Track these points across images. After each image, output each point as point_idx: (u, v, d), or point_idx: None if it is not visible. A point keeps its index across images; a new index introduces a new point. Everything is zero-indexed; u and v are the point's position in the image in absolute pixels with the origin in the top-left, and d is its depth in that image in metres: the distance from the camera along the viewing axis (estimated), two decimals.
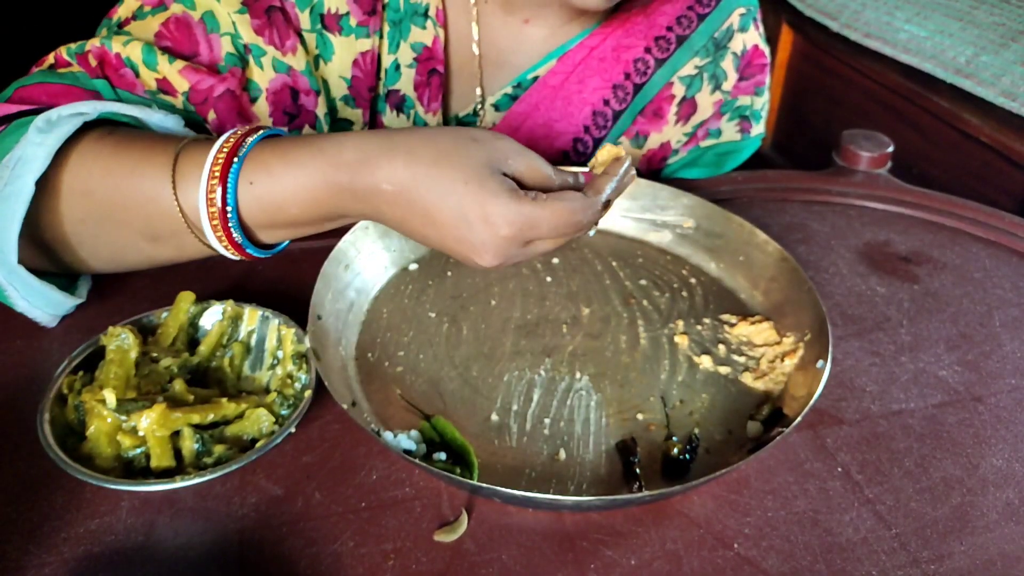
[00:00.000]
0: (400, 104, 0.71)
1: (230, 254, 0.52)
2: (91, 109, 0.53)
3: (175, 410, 0.46)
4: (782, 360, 0.57)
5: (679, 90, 0.78)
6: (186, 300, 0.54)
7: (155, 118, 0.57)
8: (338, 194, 0.50)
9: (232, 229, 0.50)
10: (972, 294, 0.67)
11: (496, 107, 0.75)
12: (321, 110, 0.68)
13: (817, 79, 1.62)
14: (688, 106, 0.79)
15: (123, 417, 0.45)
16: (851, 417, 0.54)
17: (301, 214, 0.51)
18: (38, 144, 0.51)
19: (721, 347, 0.59)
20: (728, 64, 0.78)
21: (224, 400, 0.48)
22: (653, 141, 0.80)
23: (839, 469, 0.50)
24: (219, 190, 0.49)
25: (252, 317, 0.54)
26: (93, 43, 0.59)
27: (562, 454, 0.50)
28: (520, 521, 0.46)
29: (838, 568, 0.44)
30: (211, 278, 0.63)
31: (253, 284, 0.63)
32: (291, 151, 0.50)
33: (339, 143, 0.50)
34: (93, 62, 0.59)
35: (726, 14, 0.77)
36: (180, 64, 0.60)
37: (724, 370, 0.57)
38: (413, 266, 0.66)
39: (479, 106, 0.75)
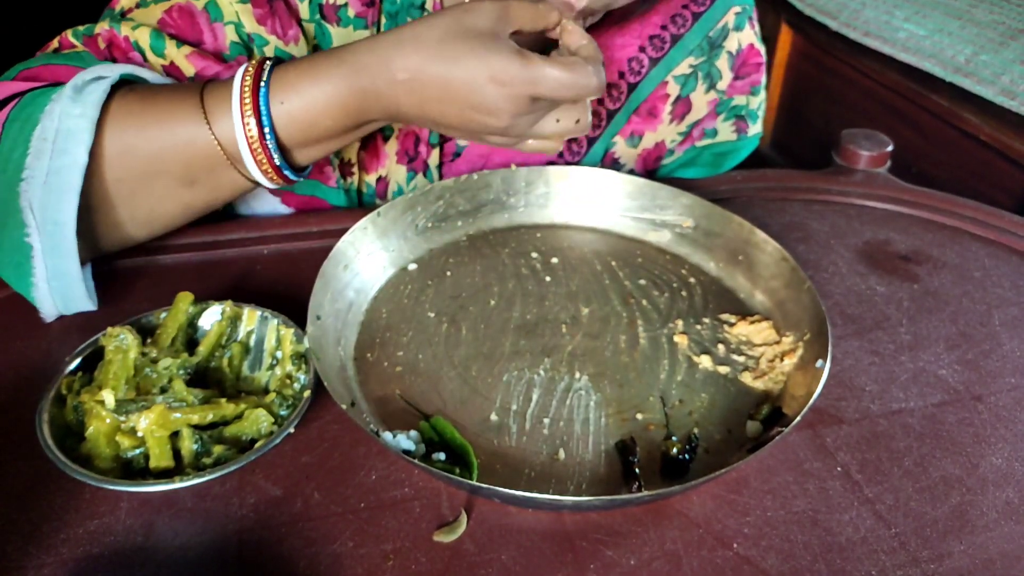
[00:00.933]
0: None
1: (268, 180, 0.56)
2: (111, 72, 0.55)
3: (174, 410, 0.46)
4: (781, 359, 0.57)
5: (673, 89, 0.78)
6: (185, 300, 0.54)
7: (167, 83, 0.59)
8: (363, 97, 0.54)
9: (272, 151, 0.54)
10: (972, 293, 0.67)
11: None
12: None
13: (816, 78, 1.62)
14: (682, 105, 0.79)
15: (122, 418, 0.45)
16: (851, 417, 0.54)
17: (334, 124, 0.55)
18: (78, 116, 0.51)
19: (720, 347, 0.59)
20: (723, 63, 0.78)
21: (223, 400, 0.48)
22: (648, 140, 0.80)
23: (839, 469, 0.50)
24: (252, 117, 0.53)
25: (251, 317, 0.54)
26: (102, 26, 0.60)
27: (561, 454, 0.50)
28: (520, 521, 0.46)
29: (838, 568, 0.44)
30: (210, 279, 0.63)
31: (252, 284, 0.63)
32: (313, 67, 0.54)
33: (354, 50, 0.54)
34: (102, 44, 0.60)
35: (721, 13, 0.77)
36: (187, 49, 0.60)
37: (723, 370, 0.57)
38: (412, 266, 0.66)
39: None
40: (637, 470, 0.48)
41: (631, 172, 0.82)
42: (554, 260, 0.68)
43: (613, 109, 0.77)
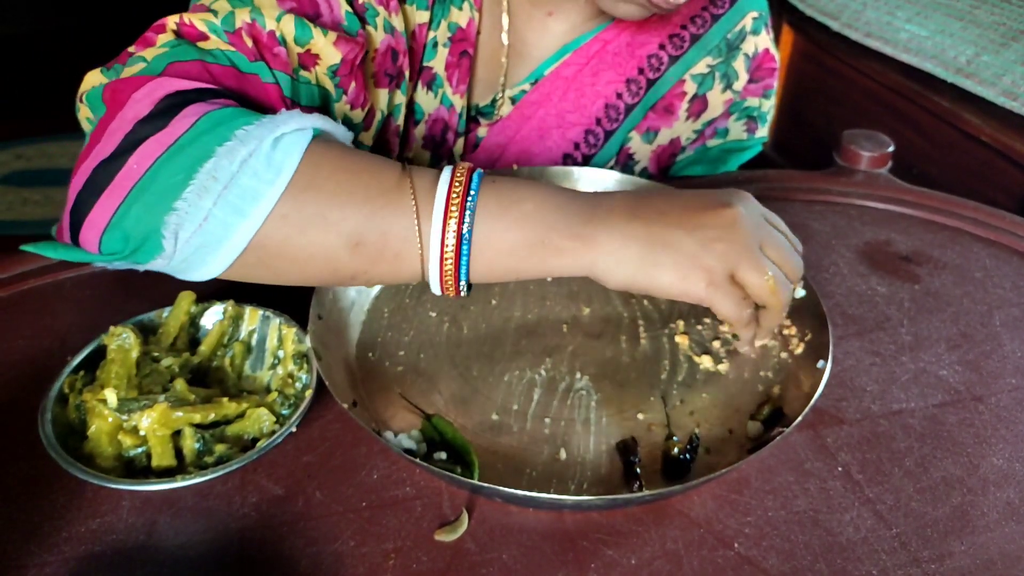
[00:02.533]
0: (430, 82, 0.71)
1: (438, 285, 0.50)
2: (305, 124, 0.50)
3: (176, 409, 0.46)
4: (784, 351, 0.57)
5: (691, 87, 0.79)
6: (187, 300, 0.54)
7: (339, 132, 0.54)
8: (551, 211, 0.50)
9: (461, 277, 0.50)
10: (972, 294, 0.67)
11: (513, 100, 0.76)
12: (407, 73, 0.67)
13: (818, 79, 1.62)
14: (699, 103, 0.80)
15: (124, 416, 0.45)
16: (851, 417, 0.54)
17: (509, 233, 0.50)
18: (268, 182, 0.47)
19: (721, 347, 0.59)
20: (740, 64, 0.79)
21: (225, 400, 0.48)
22: (663, 137, 0.81)
23: (839, 469, 0.50)
24: (454, 235, 0.48)
25: (253, 317, 0.54)
26: (242, 19, 0.54)
27: (562, 454, 0.50)
28: (521, 520, 0.46)
29: (838, 568, 0.44)
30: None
31: (254, 284, 0.63)
32: (521, 183, 0.51)
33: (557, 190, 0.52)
34: (249, 42, 0.54)
35: (739, 16, 0.78)
36: (333, 36, 0.57)
37: (724, 368, 0.57)
38: None
39: (499, 96, 0.75)
40: (638, 470, 0.48)
41: (644, 170, 0.83)
42: None
43: (631, 104, 0.77)
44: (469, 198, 0.49)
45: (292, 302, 0.55)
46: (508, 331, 0.60)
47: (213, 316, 0.54)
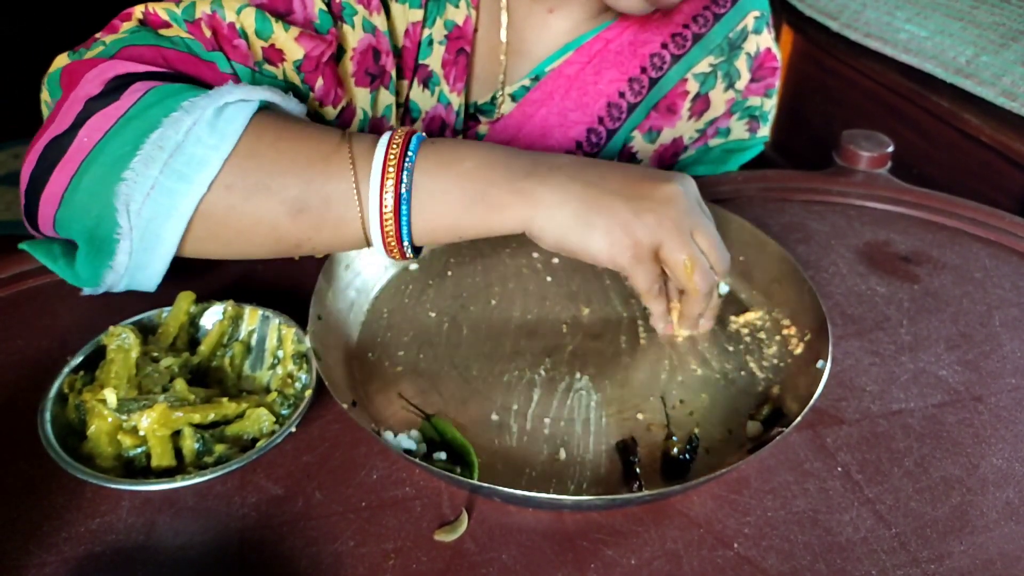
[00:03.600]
0: (427, 80, 0.71)
1: (385, 246, 0.51)
2: (250, 96, 0.51)
3: (176, 409, 0.46)
4: (785, 347, 0.57)
5: (693, 87, 0.79)
6: (186, 300, 0.54)
7: (291, 105, 0.55)
8: (501, 173, 0.51)
9: (404, 240, 0.51)
10: (972, 294, 0.67)
11: (513, 97, 0.76)
12: (394, 73, 0.67)
13: (817, 79, 1.62)
14: (701, 103, 0.80)
15: (124, 416, 0.45)
16: (851, 417, 0.54)
17: (461, 196, 0.51)
18: (212, 147, 0.48)
19: (721, 347, 0.59)
20: (742, 64, 0.79)
21: (225, 400, 0.48)
22: (666, 136, 0.81)
23: (839, 469, 0.50)
24: (392, 194, 0.49)
25: (253, 317, 0.54)
26: (203, 8, 0.56)
27: (562, 454, 0.50)
28: (520, 521, 0.46)
29: (838, 568, 0.44)
30: (212, 278, 0.63)
31: (254, 284, 0.63)
32: (458, 143, 0.52)
33: (506, 150, 0.52)
34: (207, 32, 0.56)
35: (741, 15, 0.78)
36: (295, 31, 0.58)
37: (725, 368, 0.57)
38: (413, 266, 0.66)
39: (499, 93, 0.75)
40: (638, 470, 0.48)
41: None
42: (555, 260, 0.68)
43: (633, 103, 0.77)
44: (407, 159, 0.50)
45: (292, 302, 0.55)
46: (508, 331, 0.60)
47: (213, 316, 0.54)
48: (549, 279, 0.65)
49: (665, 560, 0.44)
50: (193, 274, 0.63)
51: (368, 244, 0.52)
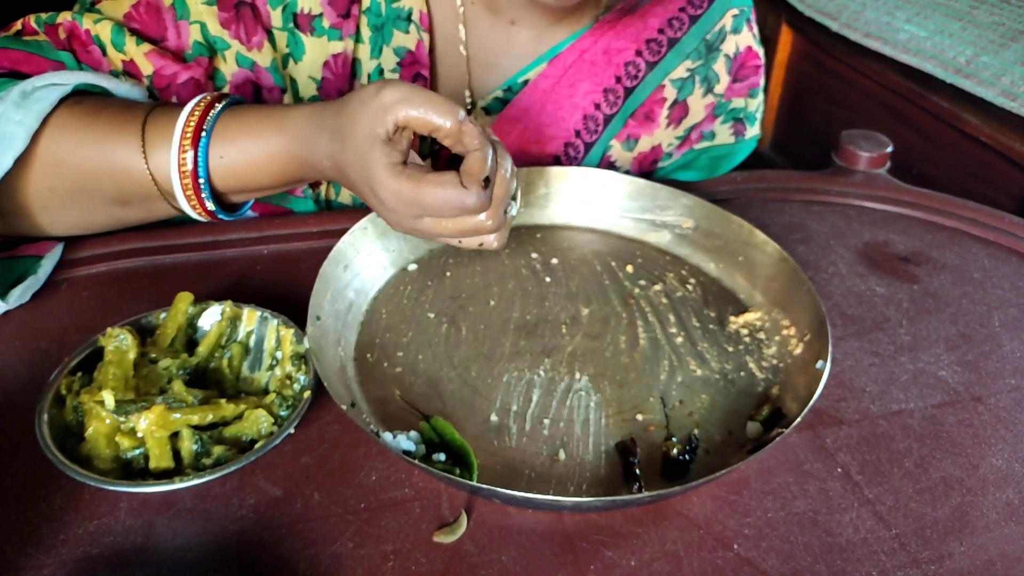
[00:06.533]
0: None
1: (198, 215, 0.57)
2: (65, 80, 0.55)
3: (174, 411, 0.46)
4: (784, 348, 0.57)
5: (670, 93, 0.78)
6: (184, 301, 0.54)
7: (122, 89, 0.60)
8: (300, 165, 0.56)
9: (204, 198, 0.56)
10: (972, 294, 0.67)
11: (487, 111, 0.75)
12: None
13: (817, 79, 1.62)
14: (680, 109, 0.79)
15: (122, 418, 0.45)
16: (851, 417, 0.54)
17: (270, 181, 0.57)
18: (18, 123, 0.52)
19: (721, 347, 0.59)
20: (720, 67, 0.78)
21: (223, 401, 0.48)
22: (644, 144, 0.80)
23: (839, 469, 0.50)
24: (191, 160, 0.54)
25: (251, 318, 0.54)
26: (64, 16, 0.60)
27: (562, 455, 0.50)
28: (520, 522, 0.46)
29: (838, 568, 0.44)
30: (210, 279, 0.63)
31: (252, 285, 0.63)
32: (256, 126, 0.55)
33: (295, 119, 0.55)
34: (62, 35, 0.60)
35: (718, 16, 0.76)
36: (147, 47, 0.61)
37: (724, 369, 0.57)
38: (412, 267, 0.66)
39: (468, 107, 0.75)
40: (637, 471, 0.48)
41: (627, 174, 0.82)
42: (554, 261, 0.68)
43: (609, 114, 0.76)
44: (206, 124, 0.54)
45: (290, 303, 0.55)
46: (507, 332, 0.60)
47: (211, 317, 0.54)
48: (548, 280, 0.65)
49: (665, 561, 0.44)
50: (190, 275, 0.63)
51: (179, 208, 0.58)
